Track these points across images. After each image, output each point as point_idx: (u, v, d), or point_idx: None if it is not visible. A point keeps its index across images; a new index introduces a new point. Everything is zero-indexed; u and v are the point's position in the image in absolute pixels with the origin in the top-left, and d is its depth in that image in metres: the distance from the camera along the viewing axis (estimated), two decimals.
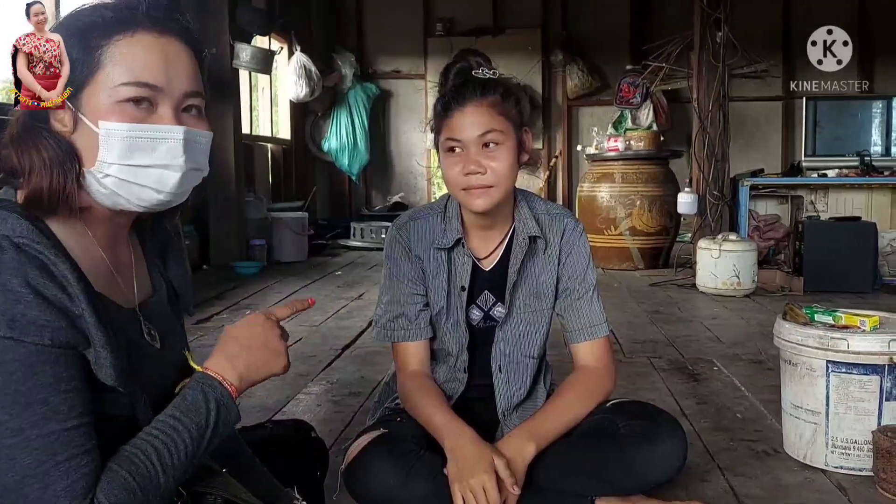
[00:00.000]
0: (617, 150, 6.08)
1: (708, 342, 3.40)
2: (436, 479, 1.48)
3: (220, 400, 1.05)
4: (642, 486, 1.58)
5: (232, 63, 5.95)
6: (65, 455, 0.89)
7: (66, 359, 0.91)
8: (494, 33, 8.68)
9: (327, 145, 8.29)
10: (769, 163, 7.62)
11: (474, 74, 1.59)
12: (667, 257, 6.07)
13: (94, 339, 0.92)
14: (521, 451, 1.52)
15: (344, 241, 7.62)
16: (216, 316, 4.01)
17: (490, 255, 1.70)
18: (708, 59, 5.24)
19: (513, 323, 1.71)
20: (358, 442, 1.60)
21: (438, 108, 1.60)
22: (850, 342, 1.80)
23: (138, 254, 1.14)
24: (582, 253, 1.71)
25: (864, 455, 1.82)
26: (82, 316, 0.92)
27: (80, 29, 0.98)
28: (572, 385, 1.66)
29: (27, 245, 0.90)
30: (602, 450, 1.56)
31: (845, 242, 4.66)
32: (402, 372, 1.68)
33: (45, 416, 0.88)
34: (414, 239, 1.68)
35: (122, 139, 0.97)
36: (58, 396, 0.89)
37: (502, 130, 1.55)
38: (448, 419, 1.56)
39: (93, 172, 0.98)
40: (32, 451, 0.88)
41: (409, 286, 1.68)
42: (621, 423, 1.60)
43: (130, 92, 0.97)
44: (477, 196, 1.56)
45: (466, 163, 1.54)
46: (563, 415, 1.61)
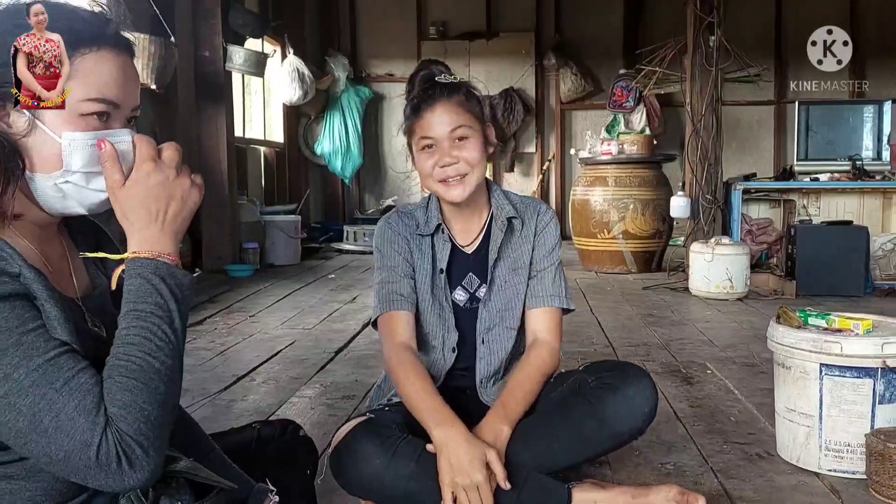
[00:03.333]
0: (610, 153, 6.09)
1: (701, 345, 3.40)
2: (420, 459, 1.53)
3: (160, 273, 1.01)
4: (616, 437, 1.64)
5: (225, 66, 5.93)
6: (61, 380, 0.90)
7: (23, 304, 0.92)
8: (488, 37, 8.71)
9: (320, 148, 8.29)
10: (761, 167, 7.66)
11: (437, 80, 1.71)
12: (660, 261, 6.08)
13: (36, 293, 0.93)
14: (499, 435, 1.58)
15: (337, 244, 7.62)
16: (208, 319, 4.00)
17: (472, 241, 1.82)
18: (701, 63, 5.26)
19: (494, 297, 1.80)
20: (343, 427, 1.65)
21: (408, 111, 1.74)
22: (843, 345, 1.80)
23: (71, 248, 1.14)
24: (551, 233, 1.84)
25: (857, 458, 1.82)
26: (20, 274, 0.93)
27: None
28: (528, 363, 1.73)
29: None
30: (575, 407, 1.64)
31: (837, 246, 4.67)
32: (390, 341, 1.73)
33: (25, 354, 0.89)
34: (402, 226, 1.81)
35: (85, 148, 0.99)
36: (29, 335, 0.90)
37: (469, 125, 1.69)
38: (435, 406, 1.59)
39: (52, 177, 0.99)
40: (27, 388, 0.89)
41: (401, 261, 1.78)
42: (590, 379, 1.69)
43: (93, 107, 1.00)
44: (453, 186, 1.70)
45: (441, 155, 1.68)
46: (526, 393, 1.68)
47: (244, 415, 2.37)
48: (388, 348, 1.73)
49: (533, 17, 8.81)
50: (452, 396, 1.73)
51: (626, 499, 1.58)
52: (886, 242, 5.07)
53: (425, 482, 1.51)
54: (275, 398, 2.57)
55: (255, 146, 7.35)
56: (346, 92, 8.36)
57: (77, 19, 1.01)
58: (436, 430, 1.54)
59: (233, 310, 4.30)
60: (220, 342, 3.43)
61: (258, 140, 7.54)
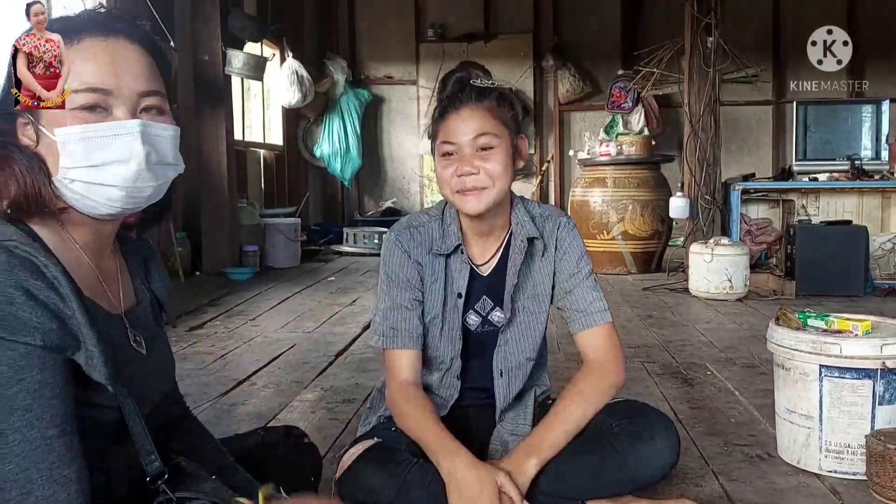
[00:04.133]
0: (609, 154, 6.10)
1: (701, 346, 3.40)
2: (430, 487, 1.48)
3: None
4: (636, 484, 1.58)
5: (224, 69, 5.94)
6: (46, 463, 0.89)
7: (54, 365, 0.91)
8: (486, 39, 8.71)
9: (320, 151, 8.29)
10: (760, 167, 7.67)
11: (472, 83, 1.60)
12: (659, 262, 6.09)
13: (85, 338, 0.93)
14: (522, 467, 1.50)
15: (337, 246, 7.62)
16: (209, 322, 4.00)
17: (488, 261, 1.70)
18: (699, 64, 5.27)
19: (514, 327, 1.70)
20: (351, 452, 1.59)
21: (436, 114, 1.62)
22: (842, 346, 1.81)
23: (122, 265, 1.16)
24: (574, 244, 1.71)
25: (857, 459, 1.82)
26: (73, 316, 0.92)
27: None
28: (574, 387, 1.64)
29: (17, 247, 0.91)
30: (595, 450, 1.56)
31: (837, 246, 4.68)
32: (394, 380, 1.65)
33: (29, 422, 0.88)
34: (413, 244, 1.67)
35: (78, 142, 0.98)
36: (42, 403, 0.89)
37: (496, 134, 1.56)
38: (441, 437, 1.53)
39: (60, 179, 0.99)
40: (14, 456, 0.87)
41: (408, 292, 1.66)
42: (613, 423, 1.60)
43: (82, 98, 0.98)
44: (470, 198, 1.56)
45: (461, 164, 1.55)
46: (566, 422, 1.58)
47: (245, 419, 2.37)
48: (390, 385, 1.66)
49: (531, 18, 8.82)
50: (464, 415, 1.71)
51: None
52: (886, 242, 5.07)
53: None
54: (275, 402, 2.57)
55: (254, 149, 7.36)
56: (345, 94, 8.37)
57: (50, 21, 1.00)
58: (443, 461, 1.48)
59: (233, 313, 4.30)
60: (221, 346, 3.43)
61: (258, 143, 7.54)
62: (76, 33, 1.00)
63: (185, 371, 2.92)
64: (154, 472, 1.06)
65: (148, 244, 1.23)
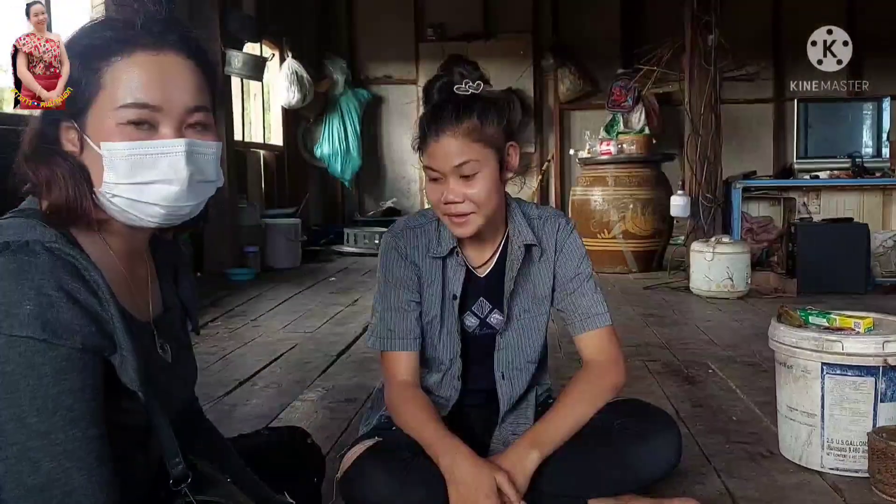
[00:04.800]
0: (609, 153, 6.10)
1: (702, 345, 3.40)
2: (431, 485, 1.47)
3: None
4: (638, 483, 1.58)
5: (224, 70, 5.94)
6: (87, 462, 0.90)
7: (93, 367, 0.92)
8: (485, 38, 8.70)
9: (319, 151, 8.29)
10: (761, 165, 7.65)
11: (456, 91, 1.53)
12: (660, 260, 6.08)
13: (121, 343, 0.94)
14: (523, 461, 1.50)
15: (337, 246, 7.61)
16: (210, 323, 4.00)
17: (485, 263, 1.70)
18: (699, 62, 5.27)
19: (513, 330, 1.70)
20: (352, 451, 1.59)
21: (421, 128, 1.56)
22: (844, 344, 1.81)
23: (153, 271, 1.15)
24: (574, 246, 1.70)
25: (859, 456, 1.82)
26: (110, 321, 0.93)
27: (82, 51, 0.98)
28: (575, 385, 1.64)
29: (59, 250, 0.92)
30: (597, 449, 1.56)
31: (838, 244, 4.67)
32: (392, 382, 1.65)
33: (71, 421, 0.89)
34: (410, 247, 1.67)
35: (125, 158, 0.97)
36: (83, 404, 0.90)
37: (478, 159, 1.51)
38: (440, 435, 1.53)
39: (102, 193, 0.99)
40: (56, 455, 0.88)
41: (405, 294, 1.66)
42: (615, 421, 1.60)
43: (130, 114, 0.97)
44: (458, 225, 1.56)
45: (446, 191, 1.53)
46: (567, 417, 1.58)
47: (247, 419, 2.37)
48: (388, 387, 1.66)
49: (530, 17, 8.81)
50: (465, 415, 1.72)
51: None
52: (887, 239, 5.07)
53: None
54: (277, 402, 2.57)
55: (254, 150, 7.35)
56: (345, 94, 8.36)
57: (102, 29, 1.00)
58: (442, 458, 1.48)
59: (234, 314, 4.30)
60: (222, 346, 3.43)
61: (258, 144, 7.54)
62: (129, 45, 0.98)
63: None
64: (178, 475, 1.07)
65: (180, 250, 1.23)
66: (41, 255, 0.90)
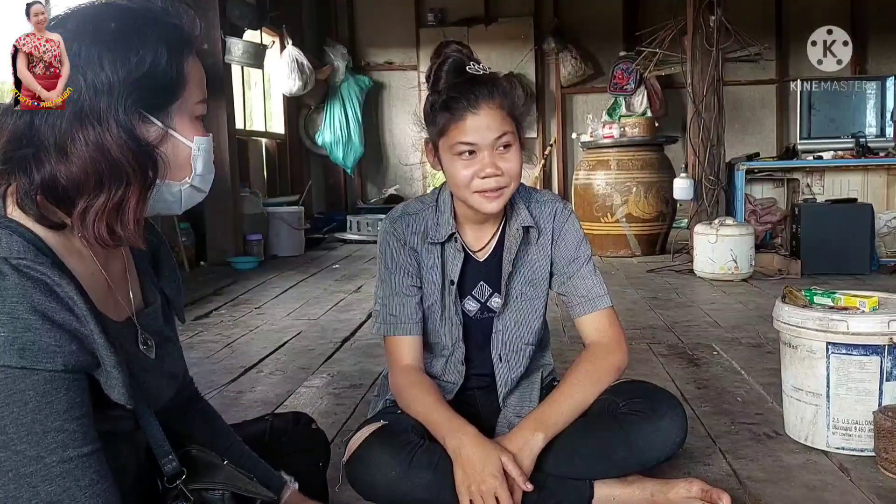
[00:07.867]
0: (612, 137, 6.07)
1: (707, 327, 3.40)
2: (437, 467, 1.49)
3: None
4: (644, 463, 1.58)
5: (224, 58, 5.92)
6: (87, 480, 0.89)
7: (79, 384, 0.90)
8: (486, 23, 8.66)
9: (321, 139, 8.28)
10: (764, 146, 7.63)
11: (469, 70, 1.54)
12: (664, 243, 6.07)
13: (104, 359, 0.92)
14: (528, 442, 1.51)
15: (340, 234, 7.62)
16: (214, 312, 4.01)
17: (484, 247, 1.71)
18: (701, 43, 5.23)
19: (510, 312, 1.71)
20: (358, 435, 1.60)
21: (439, 106, 1.54)
22: (849, 323, 1.80)
23: (129, 261, 1.12)
24: (572, 230, 1.72)
25: (865, 436, 1.82)
26: (91, 336, 0.90)
27: (170, 42, 0.99)
28: (578, 367, 1.64)
29: (28, 266, 0.88)
30: (603, 430, 1.57)
31: (842, 224, 4.66)
32: (396, 366, 1.67)
33: (63, 442, 0.88)
34: (408, 232, 1.68)
35: (207, 151, 1.05)
36: (73, 423, 0.89)
37: (513, 131, 1.55)
38: (446, 416, 1.54)
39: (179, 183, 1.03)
40: (54, 478, 0.87)
41: (406, 278, 1.67)
42: (621, 402, 1.60)
43: (203, 109, 1.05)
44: (492, 199, 1.55)
45: (482, 166, 1.52)
46: (572, 398, 1.58)
47: (252, 406, 2.37)
48: (393, 372, 1.67)
49: (531, 1, 8.76)
50: (470, 398, 1.73)
51: (645, 495, 1.56)
52: (891, 219, 5.05)
53: (443, 491, 1.47)
54: (282, 389, 2.57)
55: (256, 138, 7.35)
56: (346, 81, 8.34)
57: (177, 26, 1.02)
58: (448, 439, 1.49)
59: (238, 302, 4.31)
60: (227, 334, 3.43)
61: (259, 132, 7.53)
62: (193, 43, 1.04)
63: (192, 360, 2.92)
64: (171, 472, 1.07)
65: (155, 230, 1.19)
66: (9, 276, 0.86)
